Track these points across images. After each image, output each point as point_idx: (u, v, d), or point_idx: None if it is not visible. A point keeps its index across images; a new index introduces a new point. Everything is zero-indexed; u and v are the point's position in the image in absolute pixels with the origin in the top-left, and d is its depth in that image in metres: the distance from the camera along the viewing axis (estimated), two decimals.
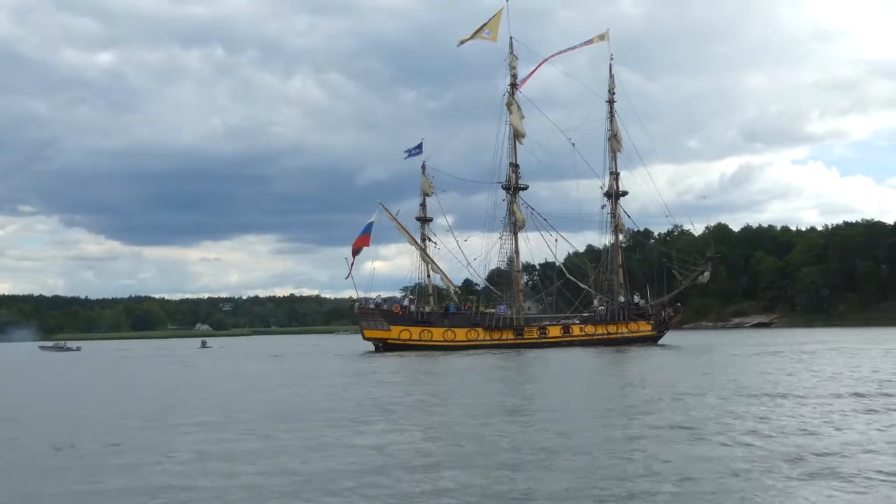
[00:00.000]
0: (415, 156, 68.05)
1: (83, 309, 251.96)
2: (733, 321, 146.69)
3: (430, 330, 65.69)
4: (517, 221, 66.72)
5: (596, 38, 67.29)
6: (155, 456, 16.86)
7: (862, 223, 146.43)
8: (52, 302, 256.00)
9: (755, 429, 18.46)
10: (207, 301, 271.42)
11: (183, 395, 31.52)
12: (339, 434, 19.17)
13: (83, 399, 32.35)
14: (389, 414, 23.03)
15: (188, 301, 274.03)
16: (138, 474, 15.05)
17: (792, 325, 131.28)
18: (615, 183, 67.24)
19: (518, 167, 67.50)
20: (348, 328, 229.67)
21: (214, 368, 54.11)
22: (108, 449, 18.14)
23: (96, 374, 52.45)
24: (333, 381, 36.79)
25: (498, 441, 17.71)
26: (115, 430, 20.95)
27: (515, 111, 66.86)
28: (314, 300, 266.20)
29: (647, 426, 19.20)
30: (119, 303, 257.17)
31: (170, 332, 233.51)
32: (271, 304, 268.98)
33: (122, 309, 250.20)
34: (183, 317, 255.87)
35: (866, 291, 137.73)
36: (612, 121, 66.80)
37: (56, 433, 20.74)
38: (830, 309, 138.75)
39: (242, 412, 24.16)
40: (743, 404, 22.95)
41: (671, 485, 13.11)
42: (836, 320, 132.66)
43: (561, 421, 20.52)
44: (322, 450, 17.12)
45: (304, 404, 26.28)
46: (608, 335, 65.20)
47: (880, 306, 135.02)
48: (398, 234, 68.98)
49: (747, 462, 14.70)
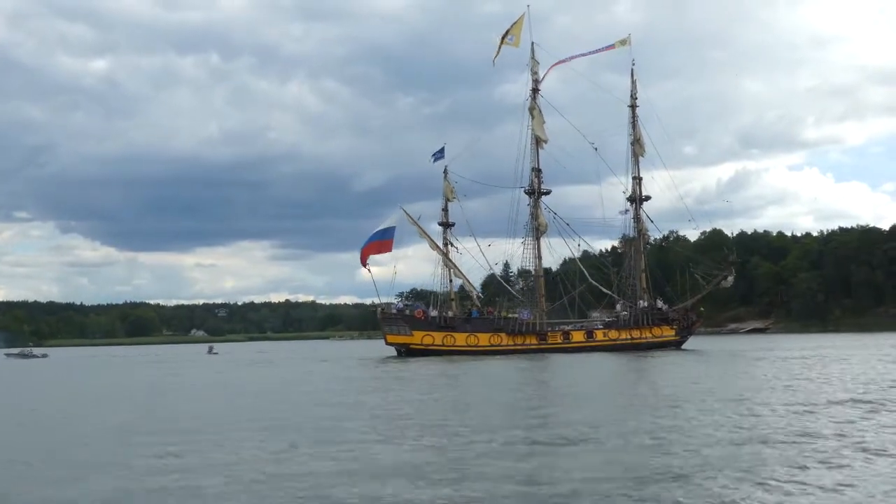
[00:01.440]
0: (438, 159, 66.82)
1: (78, 315, 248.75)
2: (729, 327, 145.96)
3: (452, 335, 64.37)
4: (540, 226, 65.53)
5: (617, 44, 66.39)
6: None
7: (857, 229, 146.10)
8: (47, 308, 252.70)
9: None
10: (203, 307, 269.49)
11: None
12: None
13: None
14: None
15: (183, 307, 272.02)
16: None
17: (788, 331, 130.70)
18: (638, 187, 66.27)
19: (540, 172, 66.40)
20: (343, 334, 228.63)
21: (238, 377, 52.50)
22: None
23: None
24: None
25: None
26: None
27: (537, 116, 65.74)
28: (309, 306, 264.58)
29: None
30: (114, 309, 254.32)
31: (165, 337, 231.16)
32: (266, 310, 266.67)
33: (117, 315, 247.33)
34: (178, 323, 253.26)
35: (862, 297, 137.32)
36: (635, 125, 65.83)
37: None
38: (826, 314, 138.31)
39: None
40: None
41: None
42: (832, 326, 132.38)
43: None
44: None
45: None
46: (632, 340, 64.08)
47: (876, 312, 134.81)
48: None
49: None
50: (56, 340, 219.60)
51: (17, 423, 25.77)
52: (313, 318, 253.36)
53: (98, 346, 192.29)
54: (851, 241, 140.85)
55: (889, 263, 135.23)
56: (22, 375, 61.23)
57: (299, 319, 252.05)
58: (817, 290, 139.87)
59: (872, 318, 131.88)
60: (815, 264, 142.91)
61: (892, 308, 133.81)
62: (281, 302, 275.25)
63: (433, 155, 67.18)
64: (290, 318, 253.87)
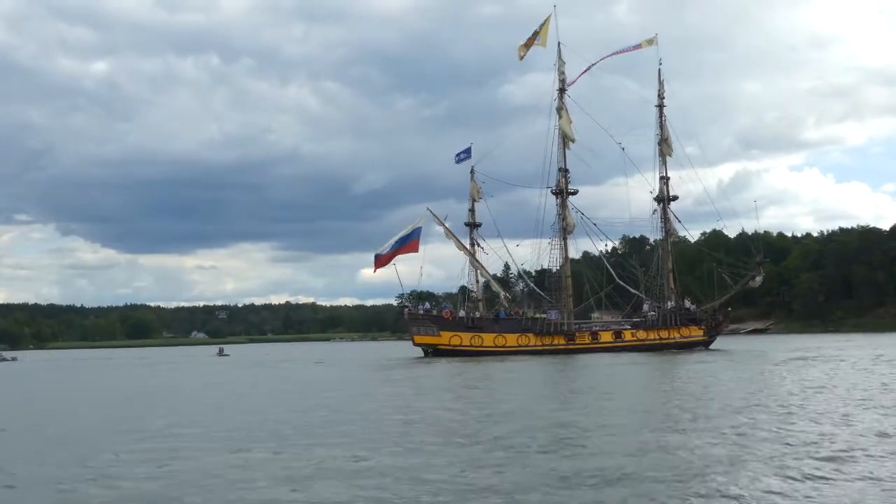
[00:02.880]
0: (463, 160, 65.47)
1: (78, 317, 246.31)
2: (729, 327, 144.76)
3: (480, 335, 63.07)
4: (567, 226, 64.32)
5: (644, 43, 65.28)
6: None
7: (858, 229, 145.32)
8: (48, 311, 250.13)
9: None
10: (203, 309, 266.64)
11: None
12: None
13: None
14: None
15: (184, 309, 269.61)
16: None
17: (788, 332, 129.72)
18: (665, 187, 65.15)
19: (567, 171, 65.17)
20: (344, 336, 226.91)
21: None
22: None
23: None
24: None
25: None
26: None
27: (565, 115, 64.57)
28: (310, 308, 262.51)
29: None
30: (114, 311, 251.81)
31: (165, 340, 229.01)
32: (267, 312, 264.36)
33: (117, 317, 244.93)
34: (179, 325, 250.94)
35: (862, 297, 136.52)
36: (663, 125, 64.73)
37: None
38: (827, 315, 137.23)
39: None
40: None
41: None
42: (833, 326, 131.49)
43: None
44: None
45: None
46: (660, 340, 62.94)
47: (877, 312, 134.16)
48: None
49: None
50: (57, 343, 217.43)
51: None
52: (314, 319, 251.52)
53: (98, 348, 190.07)
54: (852, 242, 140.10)
55: (890, 263, 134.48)
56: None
57: (300, 321, 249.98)
58: (818, 291, 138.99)
59: (873, 318, 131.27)
60: (815, 265, 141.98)
61: (893, 308, 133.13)
62: (281, 304, 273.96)
63: (457, 155, 65.84)
64: (291, 320, 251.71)
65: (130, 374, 58.29)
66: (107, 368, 70.39)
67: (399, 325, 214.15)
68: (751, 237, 78.02)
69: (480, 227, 65.95)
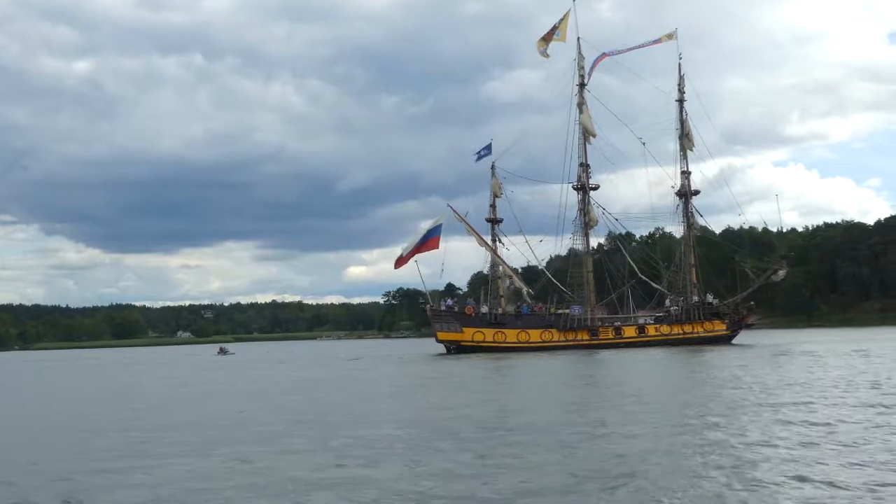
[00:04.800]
0: (484, 157, 63.72)
1: (64, 318, 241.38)
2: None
3: (503, 331, 61.40)
4: (590, 221, 62.79)
5: (664, 38, 63.95)
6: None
7: (842, 224, 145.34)
8: (33, 311, 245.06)
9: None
10: (189, 308, 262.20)
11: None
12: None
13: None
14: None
15: (170, 308, 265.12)
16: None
17: (773, 327, 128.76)
18: (687, 181, 63.84)
19: (589, 167, 63.65)
20: (330, 334, 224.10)
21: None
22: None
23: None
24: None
25: None
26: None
27: (586, 110, 63.05)
28: (296, 306, 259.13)
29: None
30: (100, 311, 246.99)
31: (151, 339, 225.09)
32: (253, 311, 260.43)
33: (103, 317, 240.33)
34: (165, 325, 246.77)
35: (847, 292, 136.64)
36: (685, 120, 63.36)
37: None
38: (811, 310, 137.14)
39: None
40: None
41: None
42: (817, 321, 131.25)
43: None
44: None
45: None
46: (683, 335, 61.63)
47: (861, 307, 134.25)
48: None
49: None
50: (42, 343, 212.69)
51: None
52: (300, 318, 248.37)
53: (84, 348, 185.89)
54: (836, 237, 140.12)
55: (874, 258, 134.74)
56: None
57: (286, 320, 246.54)
58: (802, 286, 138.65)
59: (858, 313, 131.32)
60: (800, 260, 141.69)
61: (877, 303, 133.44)
62: (267, 302, 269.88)
63: (478, 153, 64.17)
64: (277, 319, 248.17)
65: (193, 380, 53.01)
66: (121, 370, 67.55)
67: (385, 322, 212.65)
68: (775, 233, 76.93)
69: (502, 222, 64.25)
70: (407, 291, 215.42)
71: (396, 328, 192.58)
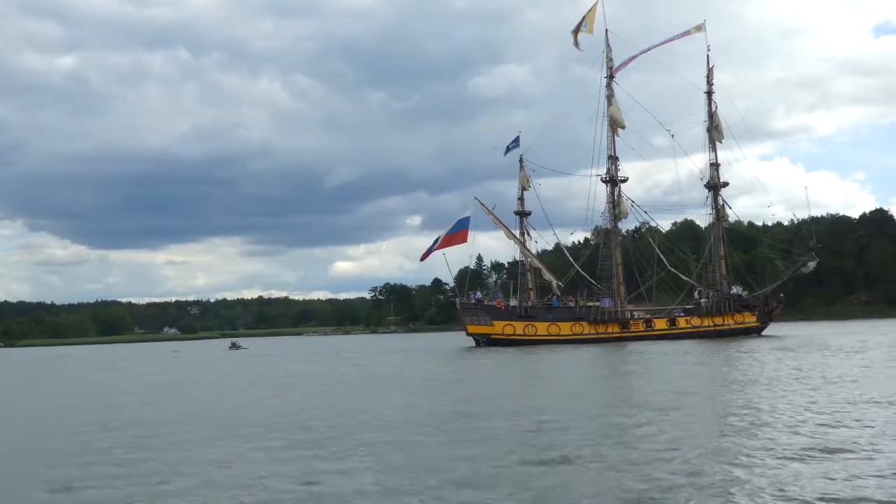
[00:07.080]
0: (512, 150, 61.66)
1: (49, 315, 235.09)
2: None
3: (534, 324, 59.53)
4: (620, 214, 60.94)
5: (692, 30, 62.32)
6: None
7: (827, 218, 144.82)
8: (17, 308, 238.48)
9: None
10: (175, 304, 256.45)
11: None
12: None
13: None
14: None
15: (156, 305, 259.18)
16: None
17: None
18: (716, 173, 62.22)
19: (617, 159, 61.86)
20: (317, 330, 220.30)
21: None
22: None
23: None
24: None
25: None
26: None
27: (614, 102, 61.17)
28: (283, 302, 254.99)
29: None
30: (86, 308, 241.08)
31: (137, 336, 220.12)
32: (240, 307, 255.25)
33: (88, 314, 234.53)
34: (151, 321, 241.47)
35: (832, 285, 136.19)
36: (714, 112, 61.68)
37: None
38: (796, 303, 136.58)
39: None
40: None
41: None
42: (802, 314, 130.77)
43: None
44: None
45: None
46: (714, 327, 60.08)
47: (846, 300, 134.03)
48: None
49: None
50: (27, 340, 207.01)
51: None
52: (287, 314, 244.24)
53: (70, 345, 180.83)
54: (821, 230, 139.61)
55: (859, 252, 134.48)
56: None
57: (273, 316, 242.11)
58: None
59: (843, 306, 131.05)
60: (787, 253, 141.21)
61: (862, 296, 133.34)
62: (254, 298, 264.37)
63: (507, 146, 62.14)
64: (264, 315, 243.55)
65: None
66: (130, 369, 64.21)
67: (372, 318, 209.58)
68: (804, 222, 75.43)
69: (530, 215, 62.15)
70: (393, 287, 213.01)
71: (384, 323, 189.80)
